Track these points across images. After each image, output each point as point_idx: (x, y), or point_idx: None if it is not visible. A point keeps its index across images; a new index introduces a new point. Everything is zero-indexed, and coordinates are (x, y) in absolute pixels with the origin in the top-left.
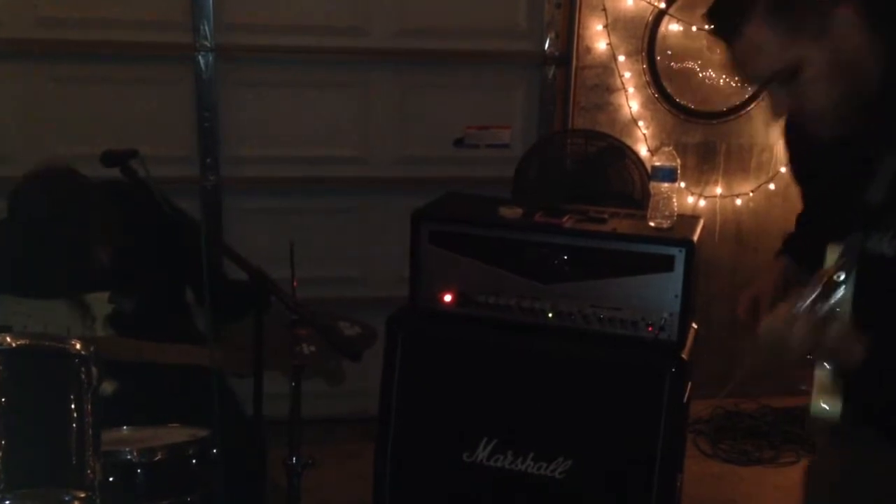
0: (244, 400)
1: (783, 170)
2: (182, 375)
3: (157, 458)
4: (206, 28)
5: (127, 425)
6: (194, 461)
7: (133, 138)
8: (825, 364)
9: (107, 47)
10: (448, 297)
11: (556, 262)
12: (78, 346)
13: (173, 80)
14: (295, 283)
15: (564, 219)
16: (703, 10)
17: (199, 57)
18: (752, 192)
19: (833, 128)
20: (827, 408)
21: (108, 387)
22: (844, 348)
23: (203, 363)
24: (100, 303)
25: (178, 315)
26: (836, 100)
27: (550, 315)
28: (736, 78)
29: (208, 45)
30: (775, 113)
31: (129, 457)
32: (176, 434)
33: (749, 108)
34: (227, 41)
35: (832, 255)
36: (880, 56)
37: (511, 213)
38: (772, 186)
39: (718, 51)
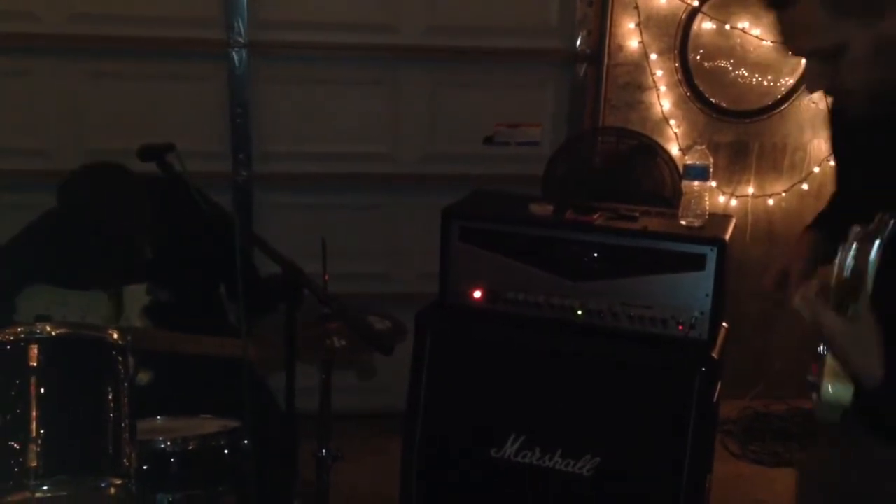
0: (276, 393)
1: (816, 169)
2: (215, 368)
3: (190, 448)
4: (240, 24)
5: (161, 415)
6: (226, 451)
7: (167, 133)
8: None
9: (142, 43)
10: (477, 294)
11: (586, 259)
12: (115, 336)
13: (207, 76)
14: (326, 278)
15: (595, 216)
16: (736, 8)
17: (233, 53)
18: (785, 192)
19: (866, 108)
20: (837, 392)
21: (143, 377)
22: (860, 357)
23: (235, 355)
24: (137, 294)
25: (211, 308)
26: (873, 84)
27: (580, 312)
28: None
29: (242, 41)
30: (809, 87)
31: (163, 446)
32: (208, 425)
33: (782, 108)
34: (261, 38)
35: (854, 237)
36: None
37: (541, 210)
38: (805, 186)
39: (752, 49)
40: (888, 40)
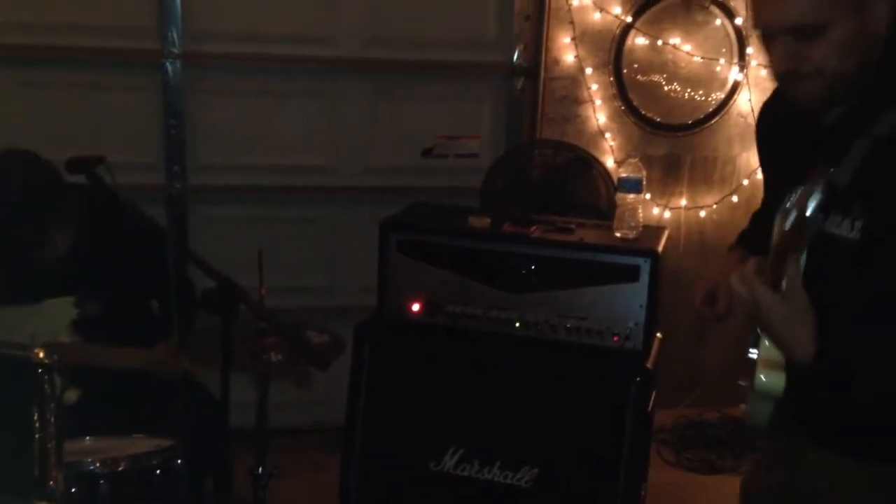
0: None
1: (745, 182)
2: (147, 384)
3: (120, 469)
4: (175, 35)
5: (90, 435)
6: (158, 472)
7: (100, 145)
8: (769, 342)
9: (74, 53)
10: (416, 307)
11: (523, 271)
12: (42, 356)
13: (141, 87)
14: (263, 292)
15: (532, 229)
16: (668, 24)
17: (168, 64)
18: (716, 204)
19: (820, 96)
20: (770, 382)
21: (71, 395)
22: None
23: (168, 367)
24: (65, 307)
25: (143, 322)
26: (843, 71)
27: (518, 324)
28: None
29: (176, 52)
30: (777, 69)
31: (91, 467)
32: (140, 444)
33: (712, 122)
34: (196, 49)
35: (781, 223)
36: (884, 45)
37: (479, 222)
38: (735, 199)
39: (684, 65)
40: (867, 28)
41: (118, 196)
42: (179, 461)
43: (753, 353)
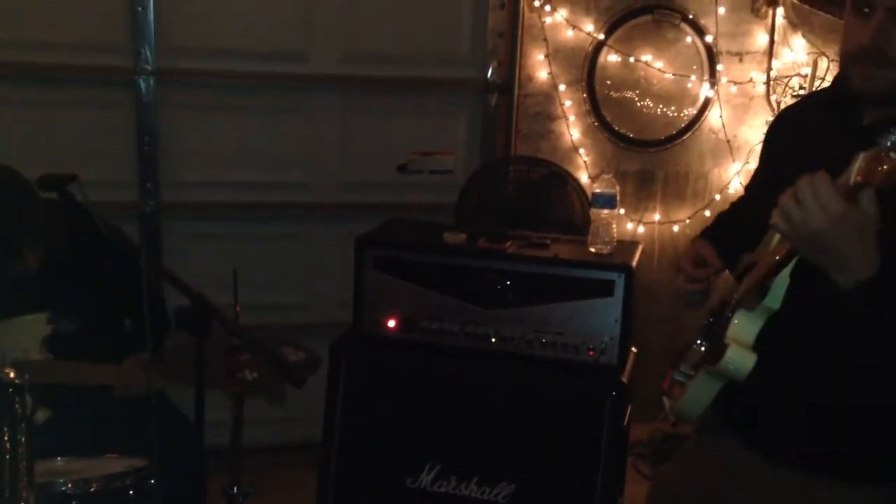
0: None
1: (717, 197)
2: (120, 403)
3: (92, 490)
4: (148, 52)
5: (62, 455)
6: (131, 492)
7: (72, 162)
8: (744, 318)
9: (46, 70)
10: (392, 323)
11: (499, 287)
12: (11, 375)
13: (113, 104)
14: (238, 309)
15: (507, 244)
16: (639, 42)
17: (140, 81)
18: (689, 218)
19: (885, 85)
20: (739, 360)
21: (41, 415)
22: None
23: (139, 385)
24: (37, 323)
25: (118, 339)
26: None
27: (494, 340)
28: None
29: (149, 68)
30: (862, 42)
31: (63, 488)
32: (112, 465)
33: (684, 138)
34: (169, 65)
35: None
36: None
37: (454, 238)
38: (707, 213)
39: (656, 81)
40: None
41: (91, 213)
42: (153, 481)
43: (701, 346)
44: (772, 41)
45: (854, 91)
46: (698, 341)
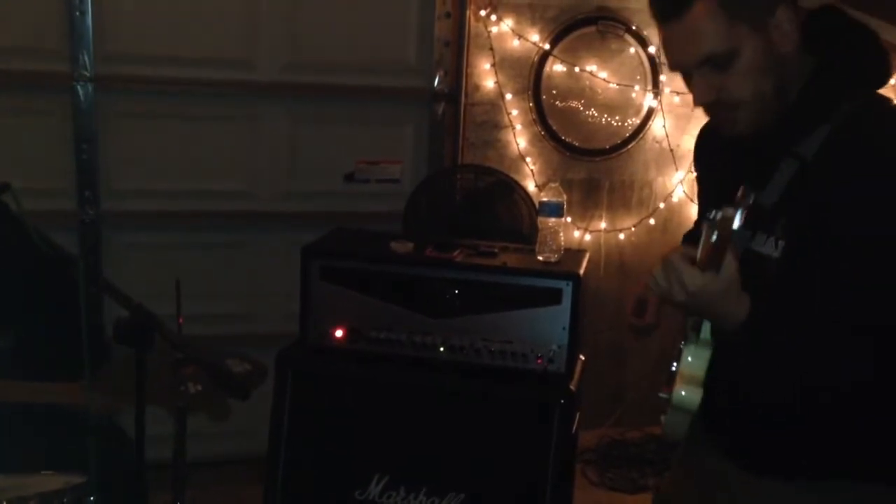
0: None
1: (661, 205)
2: (57, 418)
3: None
4: (86, 57)
5: None
6: None
7: (6, 170)
8: (691, 353)
9: None
10: (339, 333)
11: (447, 296)
12: None
13: (50, 111)
14: (181, 321)
15: (455, 253)
16: (584, 52)
17: (78, 87)
18: (634, 226)
19: (748, 122)
20: (688, 397)
21: None
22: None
23: (77, 403)
24: None
25: (56, 355)
26: (762, 93)
27: (442, 349)
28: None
29: (87, 74)
30: (698, 101)
31: None
32: (49, 481)
33: (629, 147)
34: (108, 71)
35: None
36: (807, 67)
37: (402, 247)
38: (652, 221)
39: (601, 91)
40: (776, 49)
41: (24, 223)
42: (92, 498)
43: (675, 366)
44: None
45: (732, 137)
46: (674, 364)
